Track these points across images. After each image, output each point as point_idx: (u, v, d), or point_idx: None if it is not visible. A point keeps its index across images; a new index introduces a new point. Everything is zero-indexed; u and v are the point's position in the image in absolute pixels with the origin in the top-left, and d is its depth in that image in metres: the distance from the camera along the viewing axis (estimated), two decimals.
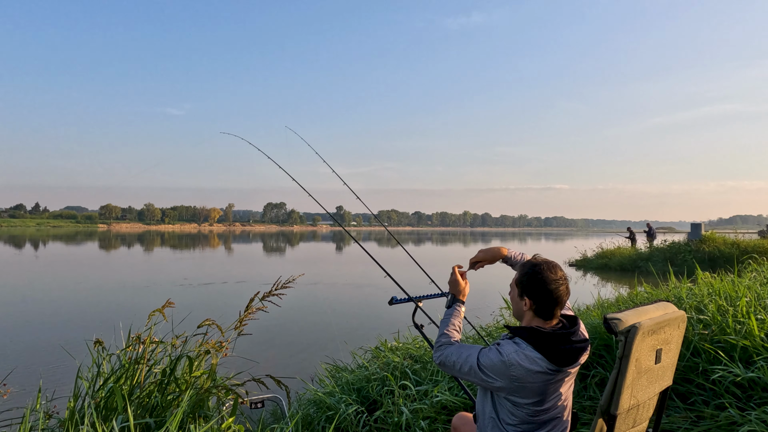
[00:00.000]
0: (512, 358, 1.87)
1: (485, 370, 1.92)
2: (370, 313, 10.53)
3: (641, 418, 1.89)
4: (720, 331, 3.46)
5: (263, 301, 3.49)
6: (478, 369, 1.94)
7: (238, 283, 15.94)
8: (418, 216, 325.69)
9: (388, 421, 3.46)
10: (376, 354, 5.06)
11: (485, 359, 1.94)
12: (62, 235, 71.40)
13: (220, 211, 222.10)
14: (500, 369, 1.89)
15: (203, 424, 2.80)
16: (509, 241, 66.28)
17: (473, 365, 1.95)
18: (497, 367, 1.89)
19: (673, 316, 1.87)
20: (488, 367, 1.92)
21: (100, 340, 3.18)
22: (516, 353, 1.88)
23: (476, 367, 1.94)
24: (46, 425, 2.84)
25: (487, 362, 1.93)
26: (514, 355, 1.88)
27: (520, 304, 2.05)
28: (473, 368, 1.95)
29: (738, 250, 17.04)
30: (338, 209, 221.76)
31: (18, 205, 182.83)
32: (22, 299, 12.28)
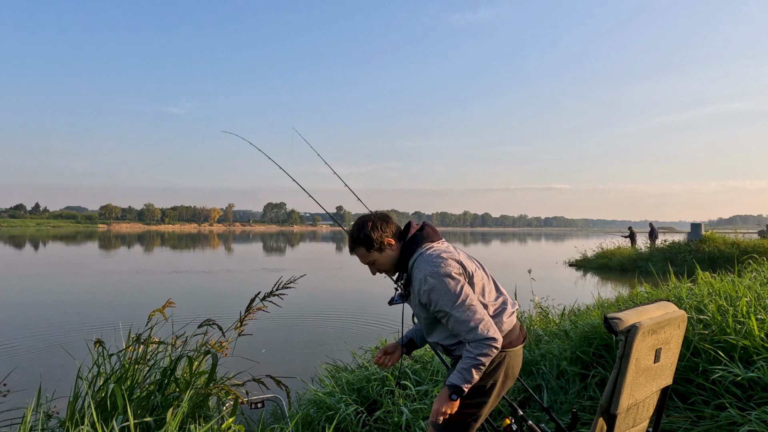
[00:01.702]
0: (436, 264, 1.99)
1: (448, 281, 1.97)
2: (370, 313, 10.53)
3: (641, 417, 1.89)
4: (720, 331, 3.46)
5: (264, 302, 3.49)
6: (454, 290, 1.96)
7: (237, 282, 15.93)
8: (418, 216, 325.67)
9: (388, 421, 3.46)
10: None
11: (436, 281, 1.97)
12: (62, 235, 71.40)
13: (220, 211, 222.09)
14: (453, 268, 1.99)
15: (203, 424, 2.80)
16: (509, 240, 66.27)
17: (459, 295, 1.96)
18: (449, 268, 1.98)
19: (673, 316, 1.87)
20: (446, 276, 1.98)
21: (100, 340, 3.18)
22: (434, 256, 2.02)
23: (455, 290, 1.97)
24: (46, 425, 2.84)
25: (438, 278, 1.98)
26: (436, 257, 2.01)
27: (389, 253, 2.14)
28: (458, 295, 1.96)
29: (738, 250, 17.04)
30: (338, 209, 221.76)
31: (18, 205, 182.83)
32: (22, 299, 12.28)
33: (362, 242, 2.13)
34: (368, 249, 2.14)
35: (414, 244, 2.10)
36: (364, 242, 2.13)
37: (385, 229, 2.13)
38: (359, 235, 2.15)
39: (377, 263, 2.16)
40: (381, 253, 2.13)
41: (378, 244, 2.12)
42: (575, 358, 3.85)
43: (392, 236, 2.14)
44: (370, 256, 2.15)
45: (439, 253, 2.02)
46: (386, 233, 2.13)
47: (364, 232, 2.12)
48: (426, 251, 2.06)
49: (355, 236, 2.16)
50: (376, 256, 2.14)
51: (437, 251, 2.04)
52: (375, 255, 2.14)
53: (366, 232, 2.12)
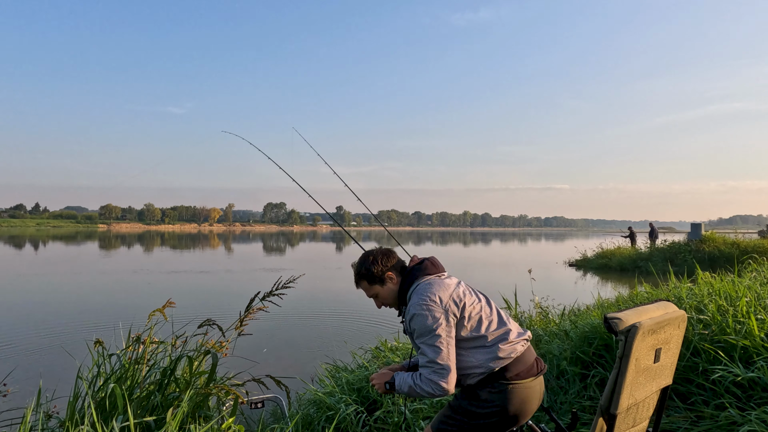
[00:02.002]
0: (423, 297, 2.04)
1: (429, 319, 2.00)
2: (370, 313, 10.53)
3: (641, 417, 1.89)
4: (720, 331, 3.46)
5: (264, 302, 3.49)
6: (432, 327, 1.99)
7: (237, 282, 15.94)
8: (418, 216, 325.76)
9: (388, 421, 3.46)
10: (376, 354, 5.06)
11: (419, 318, 2.01)
12: (62, 235, 71.41)
13: (220, 211, 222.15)
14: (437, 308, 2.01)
15: (203, 424, 2.80)
16: (509, 240, 66.29)
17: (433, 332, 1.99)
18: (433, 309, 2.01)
19: (673, 316, 1.87)
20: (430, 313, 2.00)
21: (100, 340, 3.18)
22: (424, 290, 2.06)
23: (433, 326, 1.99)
24: (46, 425, 2.84)
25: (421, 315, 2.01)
26: (427, 292, 2.05)
27: (390, 287, 2.21)
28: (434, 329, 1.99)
29: (738, 250, 17.05)
30: (338, 209, 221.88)
31: (18, 205, 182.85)
32: (22, 299, 12.28)
33: (364, 276, 2.23)
34: (370, 283, 2.23)
35: (412, 277, 2.16)
36: (366, 276, 2.22)
37: (387, 263, 2.22)
38: (361, 270, 2.24)
39: (380, 296, 2.24)
40: (383, 286, 2.21)
41: (380, 278, 2.20)
42: (575, 358, 3.85)
43: (394, 270, 2.22)
44: (373, 289, 2.24)
45: (431, 287, 2.08)
46: (387, 267, 2.21)
47: (366, 266, 2.22)
48: (420, 283, 2.12)
49: (358, 270, 2.26)
50: (378, 290, 2.22)
51: (430, 284, 2.09)
52: (377, 288, 2.22)
53: (368, 266, 2.22)
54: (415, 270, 2.17)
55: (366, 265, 2.22)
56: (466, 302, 2.07)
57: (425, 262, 2.21)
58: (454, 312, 2.02)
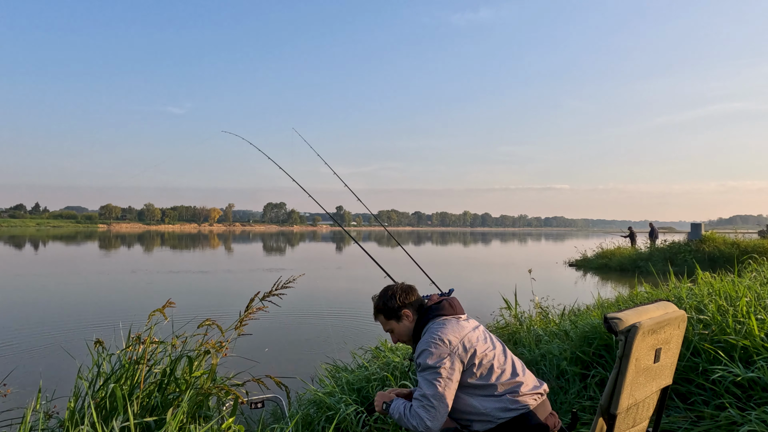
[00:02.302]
0: (433, 336, 2.04)
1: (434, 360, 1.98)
2: (370, 313, 10.52)
3: (641, 417, 1.89)
4: (720, 331, 3.46)
5: (263, 301, 3.49)
6: (433, 366, 1.98)
7: (237, 282, 15.93)
8: (418, 216, 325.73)
9: (388, 421, 3.46)
10: (376, 354, 5.06)
11: (427, 357, 2.00)
12: (62, 235, 71.40)
13: (220, 211, 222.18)
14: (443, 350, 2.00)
15: (203, 424, 2.80)
16: (509, 240, 66.28)
17: (433, 373, 1.97)
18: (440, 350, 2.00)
19: (673, 316, 1.87)
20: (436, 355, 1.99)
21: (100, 340, 3.18)
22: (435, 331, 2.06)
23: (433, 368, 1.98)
24: (46, 425, 2.84)
25: (430, 354, 2.00)
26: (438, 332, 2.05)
27: (406, 324, 2.22)
28: (435, 370, 1.98)
29: (738, 250, 17.05)
30: (338, 209, 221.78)
31: (18, 205, 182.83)
32: (22, 299, 12.28)
33: (381, 311, 2.28)
34: (387, 318, 2.26)
35: (427, 316, 2.17)
36: (383, 311, 2.27)
37: (405, 299, 2.24)
38: (379, 304, 2.29)
39: (395, 332, 2.27)
40: (398, 323, 2.24)
41: (396, 314, 2.23)
42: (575, 358, 3.85)
43: (411, 308, 2.24)
44: (389, 324, 2.27)
45: (443, 327, 2.07)
46: (405, 304, 2.23)
47: (383, 301, 2.26)
48: (435, 323, 2.12)
49: (376, 304, 2.31)
50: (394, 326, 2.25)
51: (443, 324, 2.09)
52: (393, 324, 2.25)
53: (385, 301, 2.26)
54: (432, 309, 2.17)
55: (384, 300, 2.26)
56: (478, 349, 2.04)
57: (443, 302, 2.20)
58: (461, 356, 2.00)
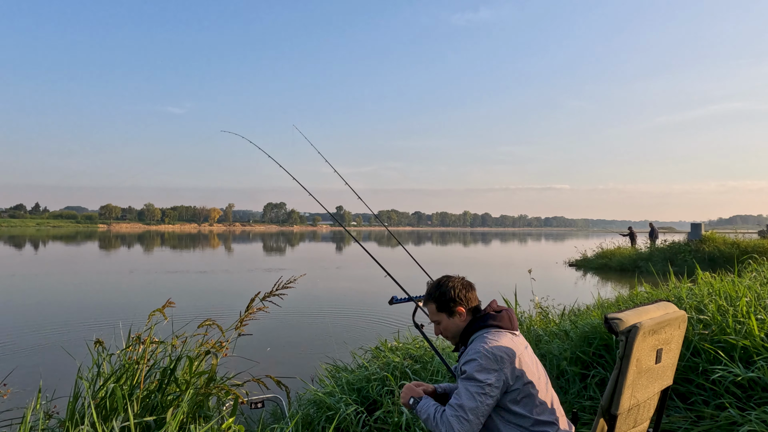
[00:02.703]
0: (489, 347, 1.92)
1: (482, 373, 1.87)
2: (370, 312, 10.53)
3: (642, 417, 1.89)
4: (720, 331, 3.46)
5: (264, 302, 3.49)
6: (479, 381, 1.86)
7: (237, 282, 15.93)
8: (418, 216, 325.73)
9: (388, 421, 3.46)
10: (376, 354, 5.06)
11: (475, 366, 1.89)
12: (62, 235, 71.39)
13: (220, 211, 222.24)
14: (491, 364, 1.89)
15: (203, 424, 2.80)
16: (509, 240, 66.27)
17: (477, 387, 1.87)
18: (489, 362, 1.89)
19: (673, 316, 1.87)
20: (483, 369, 1.88)
21: (100, 340, 3.18)
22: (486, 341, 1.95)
23: (478, 382, 1.87)
24: (46, 425, 2.84)
25: (478, 366, 1.88)
26: (489, 344, 1.94)
27: (456, 321, 2.11)
28: (479, 388, 1.86)
29: (738, 250, 17.03)
30: (338, 209, 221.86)
31: (18, 205, 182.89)
32: (22, 299, 12.28)
33: (436, 300, 2.13)
34: (439, 309, 2.13)
35: (483, 321, 2.05)
36: (437, 300, 2.13)
37: (463, 296, 2.12)
38: (435, 292, 2.15)
39: (442, 326, 2.14)
40: (449, 317, 2.11)
41: (449, 309, 2.11)
42: (575, 358, 3.85)
43: (466, 307, 2.12)
44: (438, 316, 2.14)
45: (498, 341, 1.96)
46: (461, 301, 2.11)
47: (441, 291, 2.13)
48: (489, 332, 2.00)
49: (431, 291, 2.16)
50: (443, 318, 2.13)
51: (498, 338, 1.97)
52: (443, 317, 2.13)
53: (443, 291, 2.12)
54: (489, 317, 2.06)
55: (442, 290, 2.13)
56: (526, 374, 1.93)
57: (503, 312, 2.09)
58: (508, 377, 1.90)
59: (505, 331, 2.01)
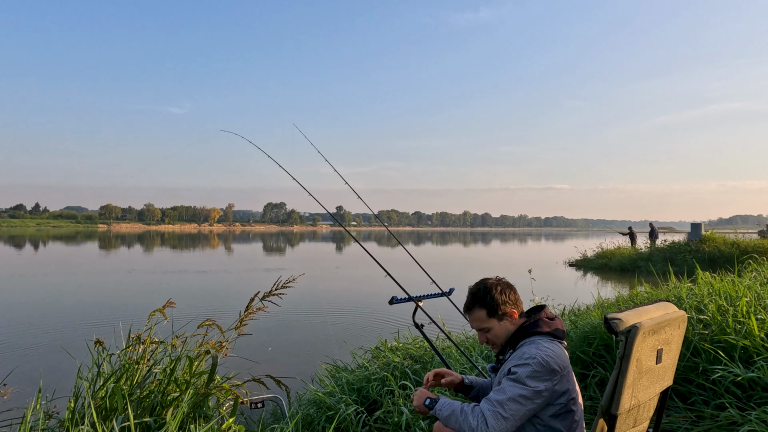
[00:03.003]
0: (543, 354, 1.82)
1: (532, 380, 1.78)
2: (370, 312, 10.53)
3: (642, 418, 1.89)
4: (720, 331, 3.46)
5: (263, 301, 3.49)
6: (529, 387, 1.78)
7: (237, 282, 15.93)
8: (418, 216, 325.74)
9: (388, 421, 3.46)
10: (376, 354, 5.06)
11: (527, 370, 1.79)
12: (62, 235, 71.40)
13: (220, 211, 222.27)
14: (542, 372, 1.80)
15: (203, 424, 2.80)
16: (509, 240, 66.28)
17: (521, 389, 1.77)
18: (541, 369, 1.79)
19: (673, 316, 1.87)
20: (534, 376, 1.79)
21: (100, 340, 3.18)
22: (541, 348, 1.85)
23: (525, 386, 1.78)
24: (46, 425, 2.84)
25: (530, 370, 1.79)
26: (545, 351, 1.84)
27: (507, 326, 1.98)
28: (524, 391, 1.78)
29: (738, 250, 17.04)
30: (338, 209, 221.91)
31: (18, 205, 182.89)
32: (22, 299, 12.28)
33: (486, 305, 1.97)
34: (489, 315, 1.97)
35: (537, 327, 1.94)
36: (488, 306, 1.96)
37: (513, 299, 1.99)
38: (485, 297, 1.97)
39: (492, 332, 1.98)
40: (500, 322, 1.97)
41: (501, 313, 1.96)
42: (575, 358, 3.85)
43: (517, 309, 2.00)
44: (488, 322, 1.98)
45: (554, 351, 1.87)
46: (512, 303, 1.98)
47: (491, 295, 1.96)
48: (544, 340, 1.90)
49: (481, 296, 1.98)
50: (494, 325, 1.97)
51: (554, 349, 1.88)
52: (493, 323, 1.97)
53: (493, 295, 1.96)
54: (544, 323, 1.94)
55: (491, 293, 1.96)
56: (570, 390, 1.87)
57: (556, 320, 1.98)
58: (553, 391, 1.82)
59: (557, 342, 1.92)
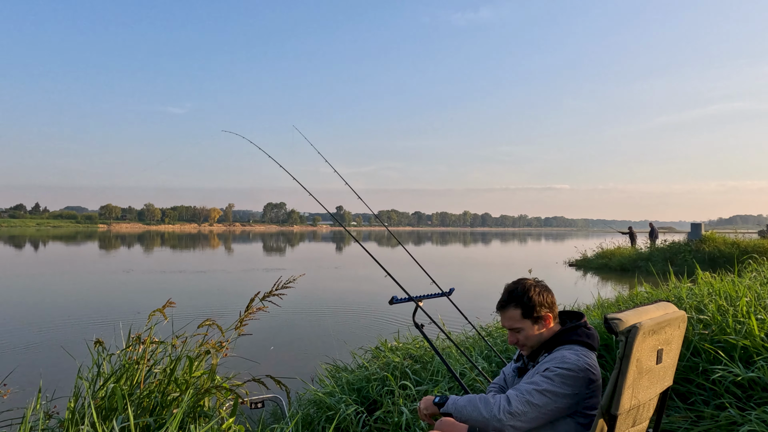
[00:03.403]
0: (582, 362, 1.82)
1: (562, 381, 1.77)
2: (370, 312, 10.53)
3: (642, 417, 1.89)
4: (720, 331, 3.46)
5: (263, 302, 3.49)
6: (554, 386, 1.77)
7: (237, 282, 15.93)
8: (418, 216, 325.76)
9: (388, 421, 3.46)
10: (376, 354, 5.06)
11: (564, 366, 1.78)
12: (62, 235, 71.40)
13: (220, 211, 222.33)
14: (575, 377, 1.80)
15: (203, 424, 2.80)
16: (509, 240, 66.26)
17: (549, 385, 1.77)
18: (573, 374, 1.79)
19: (673, 316, 1.87)
20: (567, 378, 1.78)
21: (100, 340, 3.19)
22: (579, 356, 1.84)
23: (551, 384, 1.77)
24: (46, 425, 2.84)
25: (566, 369, 1.78)
26: (582, 359, 1.83)
27: (541, 329, 1.94)
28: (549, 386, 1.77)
29: (738, 250, 17.04)
30: (338, 209, 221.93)
31: (18, 205, 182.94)
32: (22, 299, 12.28)
33: (523, 306, 1.91)
34: (525, 315, 1.91)
35: (576, 335, 1.90)
36: (525, 306, 1.91)
37: (550, 302, 1.94)
38: (522, 297, 1.91)
39: (524, 333, 1.92)
40: (534, 325, 1.91)
41: (537, 315, 1.91)
42: None
43: (553, 314, 1.95)
44: (522, 323, 1.92)
45: (590, 359, 1.88)
46: (548, 306, 1.93)
47: (529, 296, 1.90)
48: (583, 349, 1.88)
49: (517, 295, 1.93)
50: (527, 326, 1.91)
51: (590, 357, 1.88)
52: (527, 324, 1.91)
53: (531, 296, 1.90)
54: (583, 333, 1.91)
55: (529, 294, 1.91)
56: (594, 401, 1.87)
57: (594, 332, 1.94)
58: (581, 399, 1.83)
59: (592, 353, 1.90)
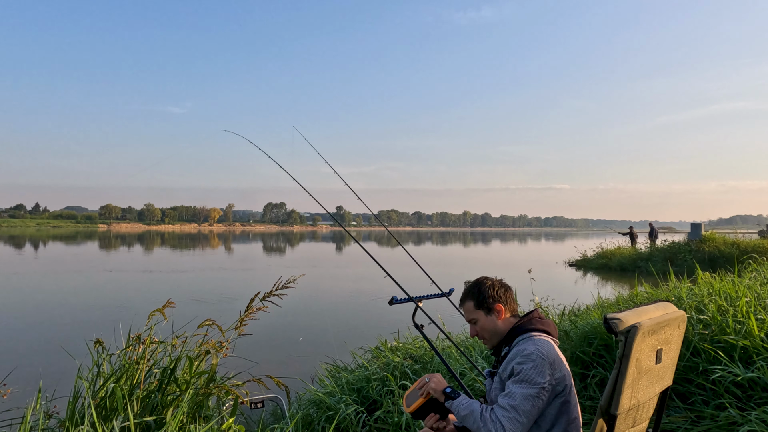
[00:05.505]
0: (540, 349, 1.87)
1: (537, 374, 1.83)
2: (370, 313, 10.53)
3: (641, 417, 1.89)
4: (720, 331, 3.47)
5: (263, 302, 3.49)
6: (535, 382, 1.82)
7: (238, 282, 15.94)
8: (418, 216, 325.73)
9: (388, 421, 3.47)
10: (376, 354, 5.06)
11: (531, 364, 1.84)
12: (62, 235, 71.42)
13: (220, 211, 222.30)
14: (543, 365, 1.84)
15: (203, 424, 2.80)
16: (509, 240, 66.28)
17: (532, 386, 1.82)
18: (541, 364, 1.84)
19: (673, 316, 1.87)
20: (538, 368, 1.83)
21: (100, 340, 3.19)
22: (539, 345, 1.90)
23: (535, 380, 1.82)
24: (46, 425, 2.84)
25: (532, 364, 1.83)
26: (541, 347, 1.89)
27: (494, 320, 2.07)
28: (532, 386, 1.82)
29: (738, 250, 17.05)
30: (338, 209, 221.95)
31: (18, 205, 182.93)
32: (22, 299, 12.28)
33: (473, 297, 2.12)
34: (477, 307, 2.10)
35: (530, 324, 2.03)
36: (475, 297, 2.11)
37: (501, 295, 2.11)
38: (473, 289, 2.13)
39: (479, 325, 2.10)
40: (486, 315, 2.09)
41: (488, 306, 2.08)
42: (575, 358, 3.86)
43: (505, 307, 2.10)
44: (475, 314, 2.10)
45: (553, 349, 1.94)
46: (500, 299, 2.10)
47: (479, 289, 2.11)
48: (542, 339, 1.96)
49: (470, 289, 2.14)
50: (480, 317, 2.09)
51: (553, 347, 1.95)
52: (480, 315, 2.10)
53: (481, 288, 2.11)
54: (537, 321, 2.04)
55: (479, 287, 2.12)
56: (567, 385, 1.91)
57: (548, 320, 2.08)
58: (555, 384, 1.88)
59: (550, 340, 1.99)
